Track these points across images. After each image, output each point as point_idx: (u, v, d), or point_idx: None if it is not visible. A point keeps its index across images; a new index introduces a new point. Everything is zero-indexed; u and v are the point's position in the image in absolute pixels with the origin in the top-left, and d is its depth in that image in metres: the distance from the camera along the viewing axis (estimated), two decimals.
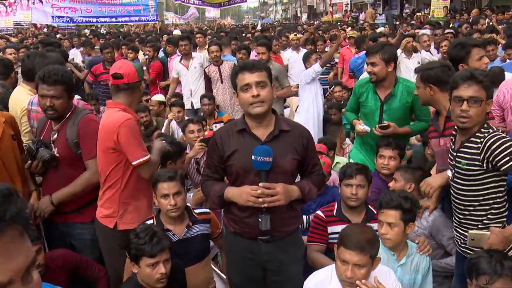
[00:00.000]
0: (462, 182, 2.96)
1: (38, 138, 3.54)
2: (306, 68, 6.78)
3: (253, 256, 2.96)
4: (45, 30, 20.92)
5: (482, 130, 2.85)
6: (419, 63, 7.62)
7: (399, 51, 7.78)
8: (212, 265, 3.64)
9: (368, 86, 4.39)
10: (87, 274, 3.45)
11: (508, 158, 2.72)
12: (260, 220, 2.77)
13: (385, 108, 4.29)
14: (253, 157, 2.70)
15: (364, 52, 8.43)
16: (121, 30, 24.00)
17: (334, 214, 3.53)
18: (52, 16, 14.09)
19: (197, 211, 3.42)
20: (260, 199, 2.71)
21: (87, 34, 16.43)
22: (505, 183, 2.90)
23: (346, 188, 3.46)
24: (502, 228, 2.87)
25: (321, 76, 8.65)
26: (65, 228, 3.62)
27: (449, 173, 3.22)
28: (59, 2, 13.88)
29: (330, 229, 3.49)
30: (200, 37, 10.30)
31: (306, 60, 6.94)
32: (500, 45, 7.71)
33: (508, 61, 6.55)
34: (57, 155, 3.47)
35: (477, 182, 2.89)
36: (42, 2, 14.13)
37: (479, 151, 2.81)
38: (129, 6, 14.21)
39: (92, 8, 14.16)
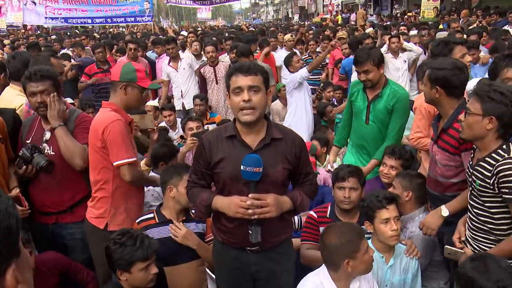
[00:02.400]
0: (477, 200, 2.83)
1: (25, 140, 3.53)
2: (290, 71, 6.71)
3: (242, 266, 2.86)
4: (38, 32, 20.81)
5: (500, 151, 2.70)
6: (405, 61, 7.74)
7: (385, 48, 7.89)
8: (205, 267, 3.60)
9: (360, 85, 4.43)
10: (76, 278, 3.44)
11: (507, 190, 2.60)
12: (250, 232, 2.66)
13: (371, 108, 4.31)
14: (242, 167, 2.56)
15: None
16: (110, 30, 23.94)
17: (328, 216, 3.49)
18: (45, 17, 14.04)
19: (194, 210, 3.36)
20: (250, 211, 2.58)
21: (78, 34, 16.39)
22: None
23: (339, 191, 3.42)
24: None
25: (314, 77, 8.74)
26: (56, 229, 3.61)
27: (444, 211, 3.17)
28: (53, 3, 13.82)
29: (323, 229, 3.38)
30: (193, 36, 10.35)
31: (288, 63, 6.78)
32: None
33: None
34: (53, 153, 3.47)
35: (491, 204, 2.76)
36: (35, 3, 14.05)
37: (490, 175, 2.69)
38: (125, 7, 14.21)
39: (87, 9, 14.12)
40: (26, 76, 3.41)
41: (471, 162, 2.92)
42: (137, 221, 3.34)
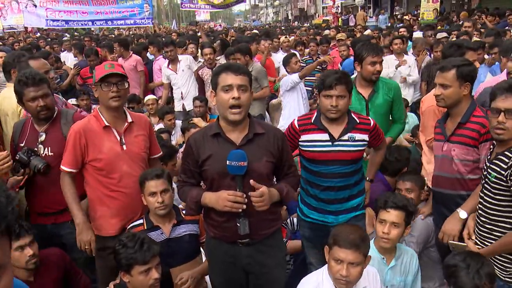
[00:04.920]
0: (489, 193, 2.87)
1: (19, 143, 3.54)
2: (287, 72, 6.79)
3: (234, 260, 2.96)
4: (38, 34, 20.82)
5: None
6: (409, 67, 7.67)
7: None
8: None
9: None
10: (74, 279, 3.47)
11: None
12: (238, 224, 2.77)
13: (370, 106, 4.28)
14: (227, 162, 2.67)
15: None
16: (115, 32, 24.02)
17: (312, 122, 3.39)
18: (46, 20, 14.03)
19: (185, 211, 3.43)
20: (237, 205, 2.69)
21: (81, 37, 16.44)
22: None
23: (326, 100, 3.25)
24: (483, 247, 2.89)
25: (314, 78, 8.76)
26: (55, 229, 3.63)
27: (462, 213, 3.15)
28: (54, 5, 13.82)
29: (303, 137, 3.38)
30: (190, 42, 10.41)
31: (286, 63, 6.90)
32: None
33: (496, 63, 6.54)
34: (51, 154, 3.50)
35: (502, 197, 2.80)
36: (35, 6, 14.06)
37: (506, 167, 2.73)
38: (125, 10, 14.18)
39: (87, 11, 14.10)
40: (23, 81, 3.40)
41: (489, 157, 2.96)
42: (128, 227, 3.35)
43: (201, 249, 3.55)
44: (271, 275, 2.99)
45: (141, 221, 3.34)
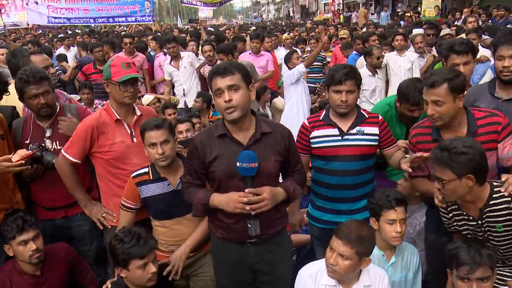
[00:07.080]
0: (500, 243, 2.77)
1: (24, 140, 3.55)
2: (289, 68, 6.83)
3: (242, 259, 2.94)
4: (40, 31, 20.83)
5: (496, 189, 2.67)
6: (412, 62, 7.61)
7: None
8: None
9: (391, 111, 4.00)
10: (81, 274, 3.51)
11: None
12: (249, 226, 2.73)
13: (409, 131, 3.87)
14: (238, 164, 2.62)
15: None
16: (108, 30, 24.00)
17: (321, 119, 3.41)
18: (48, 17, 14.05)
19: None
20: (248, 207, 2.64)
21: (80, 33, 16.45)
22: None
23: (335, 95, 3.26)
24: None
25: (315, 75, 8.80)
26: (64, 223, 3.67)
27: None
28: (55, 3, 13.84)
29: (314, 133, 3.39)
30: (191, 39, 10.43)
31: (287, 60, 6.95)
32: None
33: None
34: (60, 147, 3.51)
35: None
36: (37, 3, 14.09)
37: (506, 212, 2.65)
38: (126, 7, 14.20)
39: (89, 8, 14.13)
40: (24, 79, 3.40)
41: (470, 217, 2.80)
42: (132, 175, 3.29)
43: None
44: (278, 272, 2.99)
45: (146, 169, 3.28)
